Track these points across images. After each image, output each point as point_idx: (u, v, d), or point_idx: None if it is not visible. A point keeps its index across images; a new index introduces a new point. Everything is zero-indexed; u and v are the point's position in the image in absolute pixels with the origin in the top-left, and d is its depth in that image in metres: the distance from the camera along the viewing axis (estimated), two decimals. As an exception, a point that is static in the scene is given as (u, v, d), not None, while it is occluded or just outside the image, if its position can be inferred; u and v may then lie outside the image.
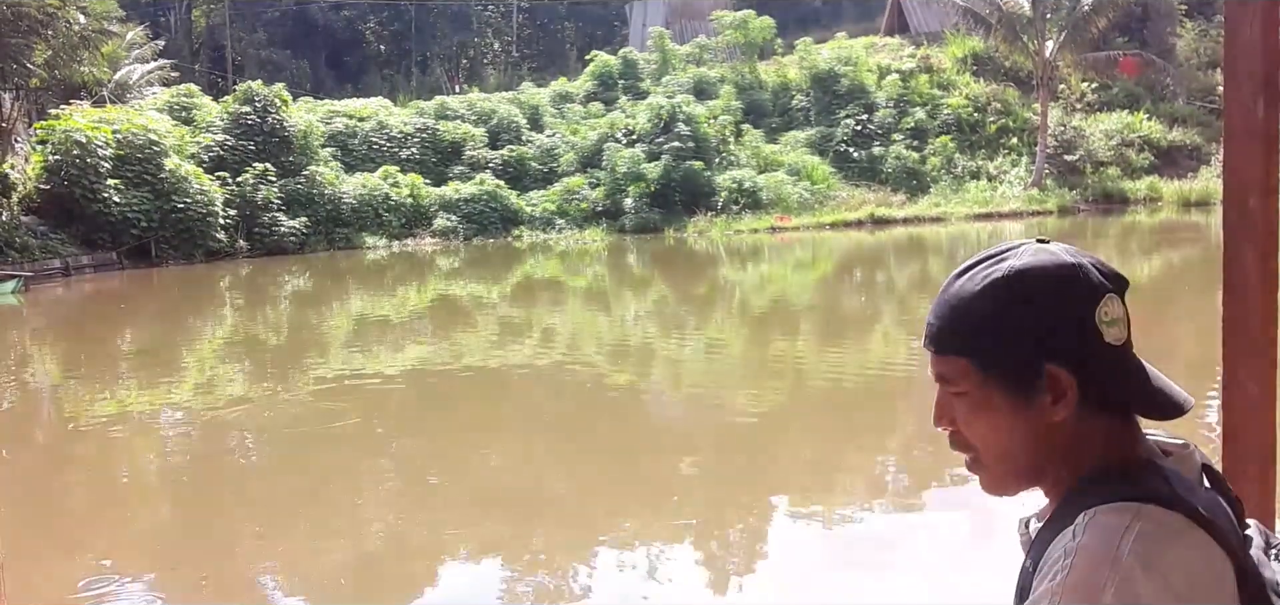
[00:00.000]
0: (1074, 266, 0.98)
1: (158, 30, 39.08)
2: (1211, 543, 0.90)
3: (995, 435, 1.00)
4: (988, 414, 1.00)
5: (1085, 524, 0.92)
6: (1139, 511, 0.90)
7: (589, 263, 22.90)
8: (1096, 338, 0.96)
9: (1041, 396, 0.97)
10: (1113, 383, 0.98)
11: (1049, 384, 0.97)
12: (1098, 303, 0.96)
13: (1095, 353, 0.96)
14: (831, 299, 16.40)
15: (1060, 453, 1.00)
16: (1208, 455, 1.06)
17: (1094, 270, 0.98)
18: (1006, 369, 0.98)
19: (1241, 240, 1.33)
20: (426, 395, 10.50)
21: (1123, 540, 0.88)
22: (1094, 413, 0.98)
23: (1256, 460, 1.35)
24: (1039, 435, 0.99)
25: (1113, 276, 0.99)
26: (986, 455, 1.02)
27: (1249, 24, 1.31)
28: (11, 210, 22.06)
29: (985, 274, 1.00)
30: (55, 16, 22.50)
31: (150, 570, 5.86)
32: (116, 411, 9.90)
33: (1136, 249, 22.08)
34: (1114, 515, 0.91)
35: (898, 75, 33.04)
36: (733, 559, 5.66)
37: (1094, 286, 0.97)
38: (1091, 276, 0.97)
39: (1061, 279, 0.97)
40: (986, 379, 0.99)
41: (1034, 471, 1.02)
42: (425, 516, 6.56)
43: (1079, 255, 0.99)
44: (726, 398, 9.74)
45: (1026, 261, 0.99)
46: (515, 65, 46.46)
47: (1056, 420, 0.97)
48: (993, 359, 0.99)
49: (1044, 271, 0.98)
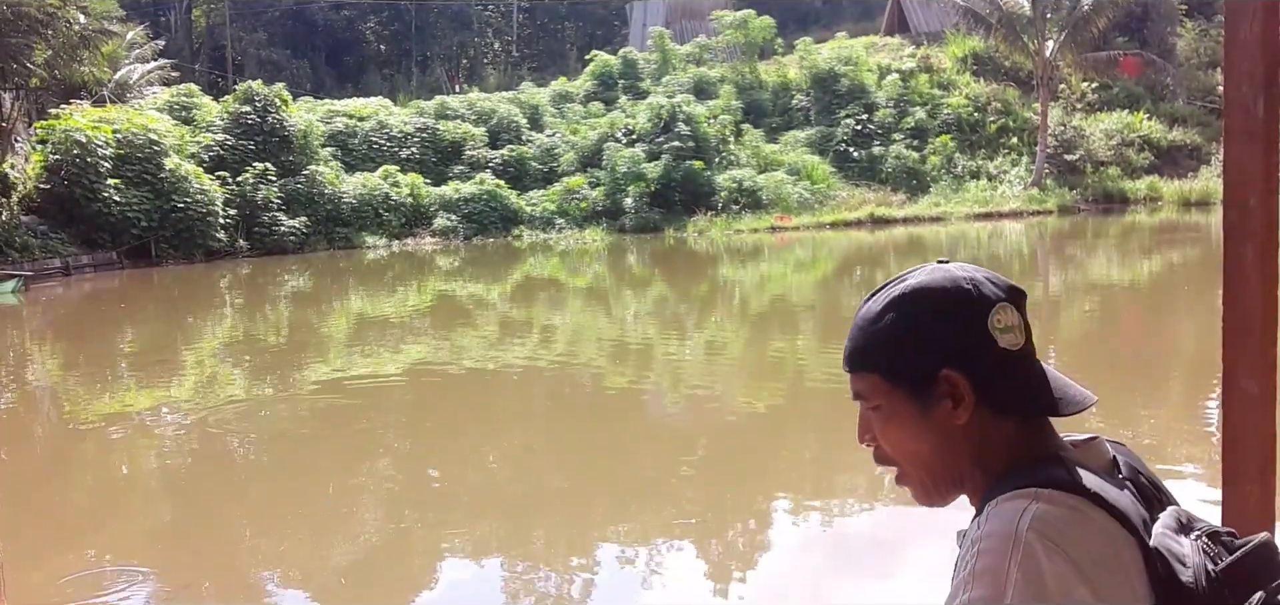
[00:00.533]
0: (965, 279, 1.05)
1: (158, 30, 39.09)
2: (1111, 521, 0.95)
3: (908, 443, 1.07)
4: (899, 424, 1.07)
5: (987, 513, 0.98)
6: (1036, 494, 0.96)
7: (589, 262, 22.90)
8: (990, 344, 1.03)
9: (942, 402, 1.04)
10: (1009, 385, 1.04)
11: (947, 389, 1.03)
12: (990, 312, 1.03)
13: (989, 358, 1.03)
14: (831, 299, 16.40)
15: (971, 456, 1.05)
16: (1132, 453, 1.10)
17: (988, 283, 1.05)
18: (907, 378, 1.06)
19: (1241, 240, 1.33)
20: (426, 395, 10.49)
21: (1021, 520, 0.94)
22: (997, 416, 1.04)
23: (1256, 460, 1.35)
24: (947, 440, 1.05)
25: (1007, 289, 1.06)
26: (906, 464, 1.10)
27: (1249, 23, 1.31)
28: (11, 210, 22.06)
29: (886, 293, 1.09)
30: (55, 16, 22.50)
31: (150, 570, 5.86)
32: (116, 411, 9.90)
33: (1136, 249, 22.08)
34: (1013, 500, 0.96)
35: (898, 75, 33.05)
36: (733, 559, 5.66)
37: (985, 297, 1.04)
38: (983, 289, 1.04)
39: (953, 291, 1.05)
40: (893, 390, 1.07)
41: (952, 477, 1.08)
42: (425, 516, 6.56)
43: (974, 271, 1.06)
44: (726, 397, 9.74)
45: (921, 279, 1.07)
46: (515, 65, 46.47)
47: (959, 424, 1.04)
48: (895, 370, 1.06)
49: (936, 286, 1.06)
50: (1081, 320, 13.94)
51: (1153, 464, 1.05)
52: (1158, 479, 1.08)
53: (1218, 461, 1.41)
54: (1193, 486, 6.32)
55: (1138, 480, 1.05)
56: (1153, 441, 7.40)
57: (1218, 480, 1.40)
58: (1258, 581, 0.95)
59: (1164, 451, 7.16)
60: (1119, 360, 10.71)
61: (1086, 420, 5.09)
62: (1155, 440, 7.46)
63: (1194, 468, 6.70)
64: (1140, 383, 9.49)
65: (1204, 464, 6.60)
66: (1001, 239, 24.06)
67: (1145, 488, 1.05)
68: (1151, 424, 7.96)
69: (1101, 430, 1.16)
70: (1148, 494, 1.04)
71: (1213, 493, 5.63)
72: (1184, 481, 6.50)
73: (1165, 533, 0.98)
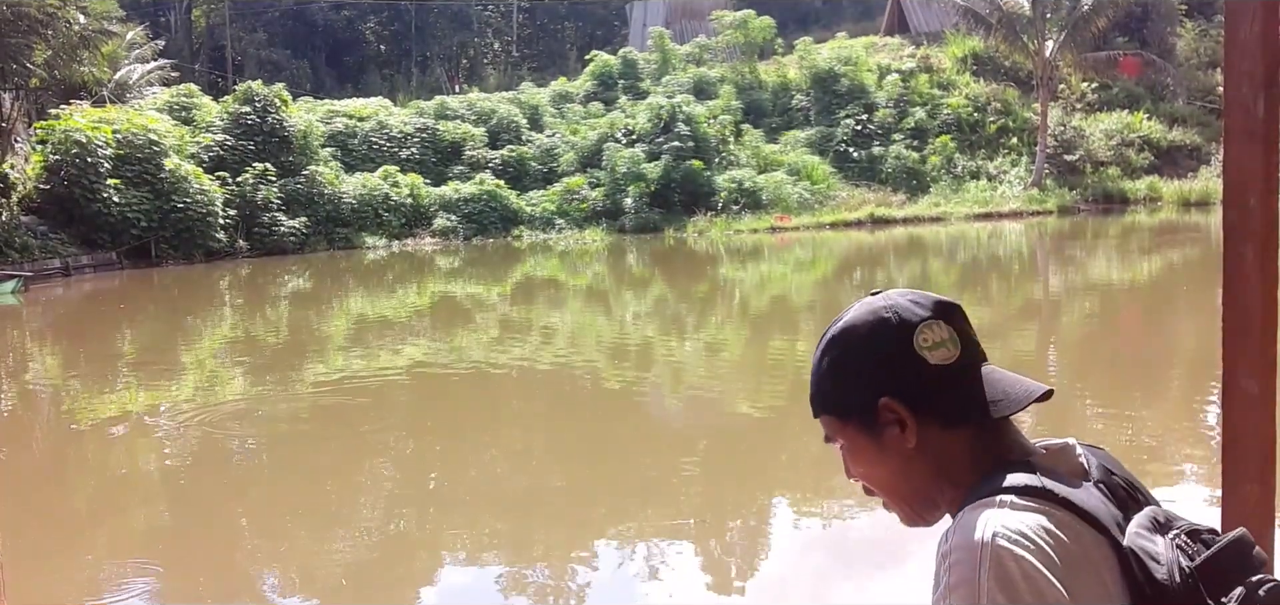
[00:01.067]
0: (885, 308, 1.08)
1: (158, 30, 39.08)
2: (1078, 522, 0.95)
3: (875, 472, 1.11)
4: (860, 456, 1.11)
5: (954, 525, 1.00)
6: (999, 502, 0.97)
7: (589, 263, 22.90)
8: (918, 364, 1.05)
9: (889, 429, 1.07)
10: (950, 398, 1.06)
11: (889, 416, 1.06)
12: (913, 333, 1.05)
13: (922, 377, 1.05)
14: (831, 299, 16.39)
15: (933, 474, 1.07)
16: (1108, 456, 1.10)
17: (911, 306, 1.07)
18: (853, 413, 1.10)
19: (1241, 240, 1.33)
20: (426, 395, 10.50)
21: (985, 529, 0.94)
22: (948, 429, 1.06)
23: (1256, 460, 1.35)
24: (906, 464, 1.08)
25: (934, 305, 1.08)
26: (879, 491, 1.13)
27: (1249, 23, 1.31)
28: (11, 210, 22.06)
29: (824, 338, 1.13)
30: (55, 16, 22.50)
31: (150, 570, 5.86)
32: (116, 411, 9.90)
33: (1136, 249, 22.08)
34: (976, 510, 0.97)
35: (898, 75, 33.04)
36: (733, 559, 5.66)
37: (906, 321, 1.06)
38: (904, 313, 1.07)
39: (873, 323, 1.08)
40: (845, 426, 1.11)
41: (923, 498, 1.10)
42: (425, 516, 6.56)
43: (897, 297, 1.09)
44: (726, 397, 9.75)
45: (848, 318, 1.11)
46: (515, 65, 46.47)
47: (911, 447, 1.06)
48: (842, 408, 1.11)
49: (859, 321, 1.10)
50: (1082, 321, 13.94)
51: (1153, 464, 1.05)
52: (1134, 480, 1.08)
53: (1218, 461, 1.41)
54: (1193, 486, 6.33)
55: (1111, 481, 1.04)
56: (1153, 441, 7.40)
57: (1218, 480, 1.40)
58: (1233, 577, 0.95)
59: (1164, 451, 7.16)
60: (1119, 360, 10.71)
61: (1089, 422, 5.10)
62: (1155, 440, 7.45)
63: (1194, 468, 6.70)
64: (1140, 383, 9.49)
65: (1204, 464, 6.60)
66: (1001, 239, 24.05)
67: (1118, 489, 1.04)
68: (1151, 424, 7.96)
69: (1102, 430, 1.16)
70: (1121, 495, 1.04)
71: (1213, 493, 5.63)
72: (1184, 481, 6.50)
73: (1139, 532, 0.98)
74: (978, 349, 1.09)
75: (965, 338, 1.07)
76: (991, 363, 1.11)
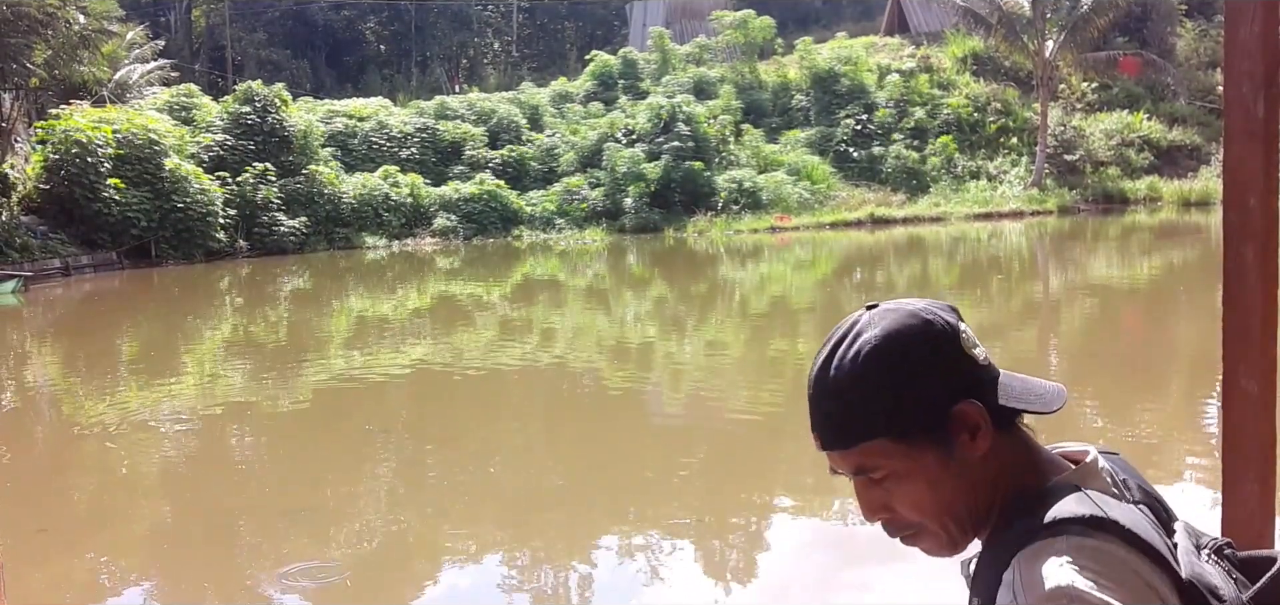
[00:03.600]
0: (925, 312, 1.01)
1: (158, 30, 39.09)
2: (1138, 556, 0.91)
3: (933, 494, 1.01)
4: (919, 479, 1.00)
5: (1018, 570, 0.92)
6: (1066, 542, 0.90)
7: (589, 263, 22.89)
8: (973, 363, 1.00)
9: (959, 437, 0.99)
10: (1001, 398, 1.02)
11: (961, 422, 0.99)
12: (958, 334, 1.00)
13: (980, 377, 1.01)
14: (831, 299, 16.39)
15: (993, 486, 1.01)
16: (1127, 465, 1.06)
17: (939, 311, 1.02)
18: (920, 426, 0.99)
19: (1241, 240, 1.32)
20: (426, 395, 10.50)
21: (1059, 575, 0.88)
22: (1003, 432, 1.01)
23: (1256, 460, 1.35)
24: (969, 476, 1.00)
25: (948, 309, 1.03)
26: (931, 520, 1.02)
27: (1249, 23, 1.31)
28: (11, 210, 22.06)
29: (853, 354, 1.00)
30: (55, 16, 22.50)
31: (150, 570, 5.86)
32: (116, 411, 9.89)
33: (1136, 249, 22.08)
34: (1041, 553, 0.91)
35: (898, 75, 33.05)
36: (733, 559, 5.66)
37: (949, 323, 1.01)
38: (938, 315, 1.02)
39: (925, 328, 1.00)
40: (907, 447, 1.00)
41: (978, 516, 1.02)
42: (425, 516, 6.56)
43: (919, 304, 1.03)
44: (726, 397, 9.74)
45: (886, 326, 1.00)
46: (515, 65, 46.47)
47: (980, 454, 0.99)
48: (904, 424, 0.99)
49: (907, 328, 1.00)
50: (1082, 321, 13.94)
51: (1153, 464, 1.04)
52: (1152, 487, 1.04)
53: (1218, 461, 1.41)
54: (1192, 487, 6.32)
55: (1151, 501, 1.00)
56: (1153, 442, 7.40)
57: (1218, 480, 1.40)
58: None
59: (1164, 451, 7.16)
60: (1119, 361, 10.71)
61: (1089, 422, 5.11)
62: (1155, 440, 7.45)
63: (1194, 468, 6.70)
64: (1140, 383, 9.49)
65: (1204, 464, 6.60)
66: (1001, 239, 24.05)
67: (1156, 509, 1.00)
68: (1152, 424, 7.96)
69: (1103, 431, 1.16)
70: (1159, 514, 1.00)
71: (1213, 493, 5.63)
72: (1184, 482, 6.50)
73: (1192, 561, 0.94)
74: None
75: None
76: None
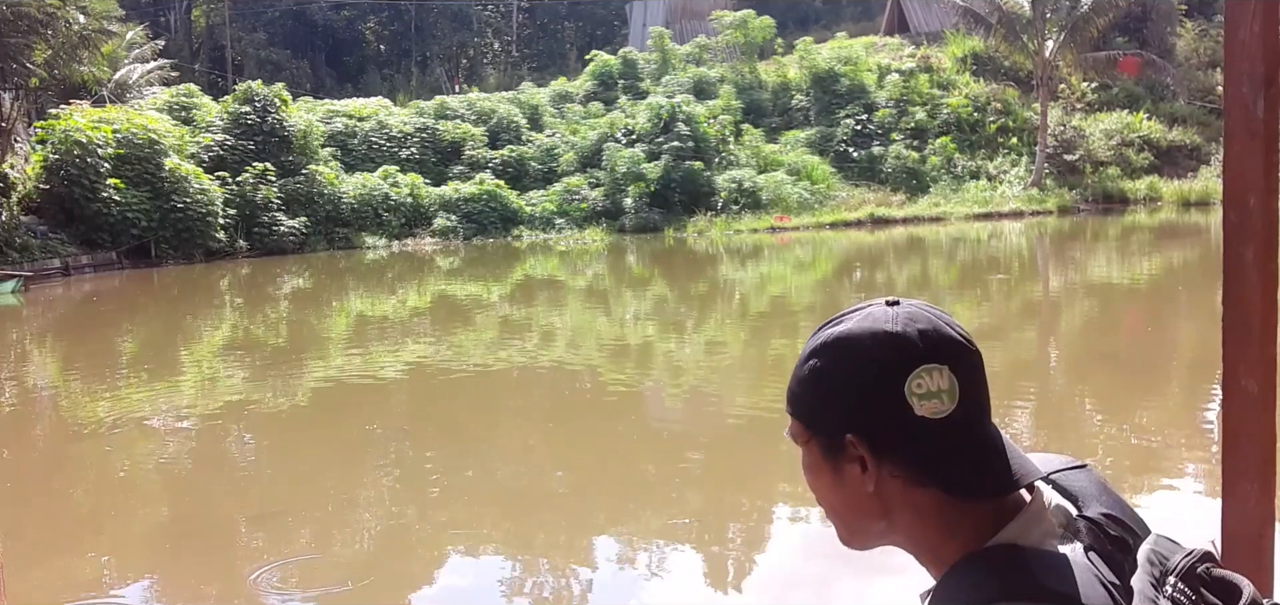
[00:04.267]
0: (892, 335, 0.93)
1: (158, 30, 39.10)
2: None
3: (823, 494, 1.01)
4: (816, 473, 1.01)
5: None
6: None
7: (589, 263, 22.90)
8: (902, 410, 0.91)
9: (851, 464, 0.96)
10: (926, 456, 0.92)
11: (851, 451, 0.95)
12: (908, 374, 0.91)
13: (900, 425, 0.92)
14: (831, 299, 16.40)
15: (892, 522, 0.97)
16: (1092, 475, 1.01)
17: (920, 340, 0.92)
18: (819, 433, 0.98)
19: (1241, 240, 1.32)
20: (426, 395, 10.50)
21: None
22: (916, 487, 0.94)
23: (1256, 460, 1.35)
24: (860, 501, 0.97)
25: (946, 345, 0.93)
26: (827, 511, 1.03)
27: (1248, 23, 1.31)
28: (11, 210, 22.05)
29: (817, 336, 1.00)
30: (55, 16, 22.50)
31: (150, 570, 5.86)
32: (116, 411, 9.90)
33: (1136, 249, 22.08)
34: None
35: (898, 75, 33.04)
36: (733, 559, 5.66)
37: (908, 357, 0.92)
38: (909, 347, 0.92)
39: (872, 347, 0.94)
40: (810, 441, 1.00)
41: (868, 534, 1.00)
42: (425, 516, 6.56)
43: (910, 323, 0.94)
44: (726, 397, 9.74)
45: (848, 326, 0.97)
46: (515, 65, 46.48)
47: (868, 491, 0.95)
48: (810, 422, 0.99)
49: (856, 338, 0.95)
50: (1082, 320, 13.94)
51: (1153, 464, 1.04)
52: (1120, 506, 0.99)
53: (1218, 461, 1.41)
54: (1193, 487, 6.33)
55: (1103, 534, 0.94)
56: (1153, 442, 7.40)
57: (1218, 480, 1.40)
58: None
59: (1164, 452, 7.15)
60: (1119, 361, 10.71)
61: (1090, 422, 5.10)
62: (1155, 440, 7.45)
63: (1194, 468, 6.70)
64: (1140, 383, 9.49)
65: (1204, 464, 6.60)
66: (1001, 239, 24.05)
67: (1109, 531, 0.95)
68: (1152, 424, 7.96)
69: (1103, 430, 1.15)
70: (1114, 540, 0.94)
71: (1213, 493, 5.63)
72: (1184, 482, 6.50)
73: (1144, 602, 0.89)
74: (979, 406, 0.94)
75: (968, 392, 0.93)
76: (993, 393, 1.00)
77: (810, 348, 0.99)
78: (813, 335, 1.01)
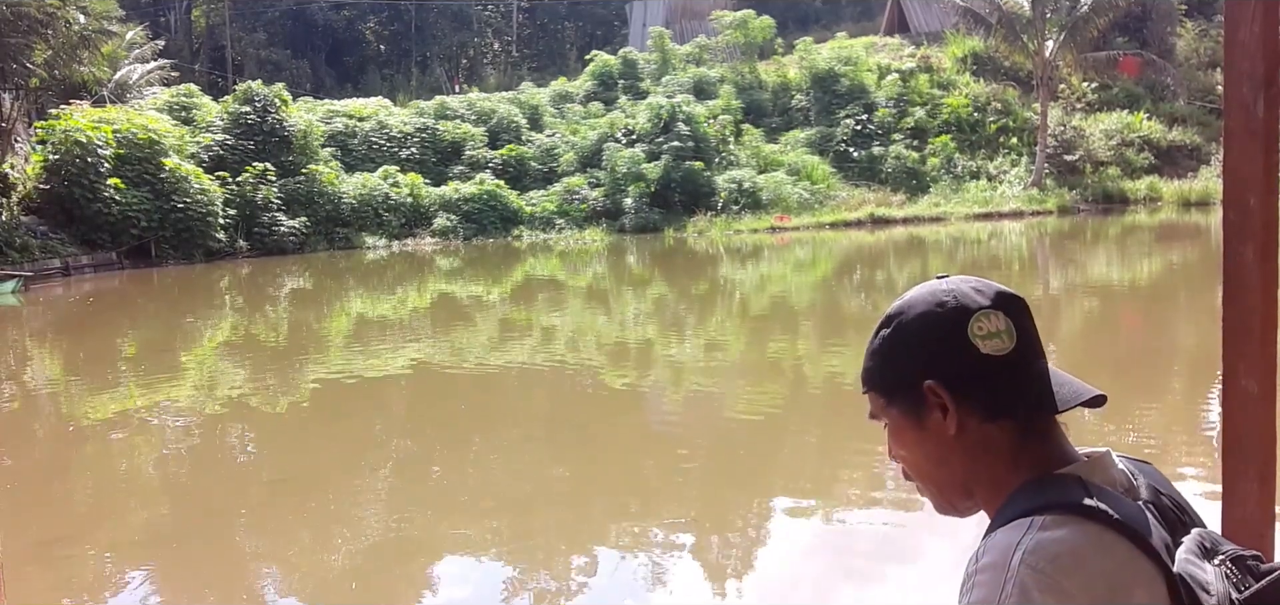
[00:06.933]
0: (945, 291, 1.07)
1: (158, 30, 39.10)
2: (1123, 543, 0.93)
3: (913, 456, 1.10)
4: (902, 438, 1.10)
5: (985, 545, 0.98)
6: (1033, 522, 0.95)
7: (589, 263, 22.89)
8: (969, 351, 1.03)
9: (932, 414, 1.06)
10: (997, 390, 1.04)
11: (931, 399, 1.05)
12: (969, 319, 1.04)
13: (971, 365, 1.03)
14: (831, 299, 16.40)
15: (973, 465, 1.06)
16: (1154, 471, 1.07)
17: (973, 293, 1.06)
18: (897, 393, 1.09)
19: (1241, 240, 1.32)
20: (426, 395, 10.50)
21: (1015, 553, 0.93)
22: (989, 422, 1.04)
23: (1256, 460, 1.35)
24: (946, 451, 1.06)
25: (996, 296, 1.06)
26: (917, 477, 1.12)
27: (1249, 23, 1.31)
28: (11, 210, 22.06)
29: (886, 315, 1.12)
30: (55, 16, 22.50)
31: (149, 569, 5.86)
32: (116, 411, 9.90)
33: (1136, 249, 22.08)
34: (1009, 532, 0.96)
35: (898, 75, 33.05)
36: (732, 559, 5.66)
37: (964, 307, 1.05)
38: (964, 298, 1.05)
39: (934, 304, 1.07)
40: (889, 406, 1.10)
41: (957, 487, 1.09)
42: (425, 516, 6.56)
43: (960, 282, 1.08)
44: (726, 397, 9.74)
45: (909, 297, 1.10)
46: (515, 65, 46.47)
47: (951, 434, 1.05)
48: (887, 387, 1.10)
49: (918, 300, 1.08)
50: (1082, 321, 13.94)
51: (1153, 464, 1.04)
52: (1182, 499, 1.05)
53: (1218, 461, 1.41)
54: (1192, 486, 6.32)
55: (1160, 502, 1.02)
56: (1153, 442, 7.40)
57: (1218, 480, 1.40)
58: None
59: (1165, 452, 7.15)
60: (1119, 360, 10.71)
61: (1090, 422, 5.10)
62: (1156, 441, 7.45)
63: (1194, 468, 6.70)
64: (1140, 383, 9.49)
65: (1204, 464, 6.60)
66: (1001, 239, 24.05)
67: (1167, 509, 1.02)
68: (1152, 424, 7.96)
69: (1103, 431, 1.16)
70: (1170, 516, 1.01)
71: (1213, 493, 5.63)
72: (1184, 482, 6.50)
73: (1189, 558, 0.95)
74: (1035, 346, 1.07)
75: (1023, 332, 1.06)
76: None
77: (880, 325, 1.12)
78: (881, 319, 1.13)
